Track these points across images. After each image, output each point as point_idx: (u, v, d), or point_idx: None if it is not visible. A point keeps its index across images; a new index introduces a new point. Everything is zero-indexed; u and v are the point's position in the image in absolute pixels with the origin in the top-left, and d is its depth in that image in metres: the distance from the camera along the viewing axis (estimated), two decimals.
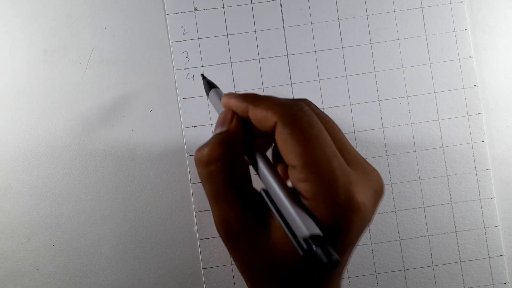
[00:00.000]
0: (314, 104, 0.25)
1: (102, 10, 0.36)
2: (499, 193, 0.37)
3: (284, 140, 0.21)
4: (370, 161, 0.36)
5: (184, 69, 0.36)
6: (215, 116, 0.36)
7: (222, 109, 0.25)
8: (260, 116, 0.22)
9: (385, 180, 0.36)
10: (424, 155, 0.37)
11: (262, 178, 0.23)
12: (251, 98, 0.23)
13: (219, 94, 0.28)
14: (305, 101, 0.24)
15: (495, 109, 0.37)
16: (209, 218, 0.36)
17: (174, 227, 0.36)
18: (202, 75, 0.31)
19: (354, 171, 0.22)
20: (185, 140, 0.36)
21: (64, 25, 0.36)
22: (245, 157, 0.24)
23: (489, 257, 0.36)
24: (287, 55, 0.37)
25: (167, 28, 0.36)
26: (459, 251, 0.36)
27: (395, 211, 0.36)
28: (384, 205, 0.36)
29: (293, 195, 0.22)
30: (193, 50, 0.36)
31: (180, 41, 0.36)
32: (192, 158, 0.36)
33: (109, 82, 0.36)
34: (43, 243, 0.36)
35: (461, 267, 0.36)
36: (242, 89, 0.37)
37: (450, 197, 0.36)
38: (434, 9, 0.37)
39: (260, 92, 0.37)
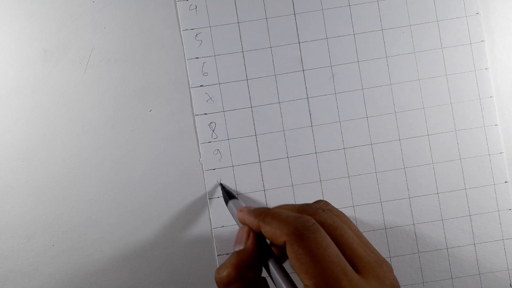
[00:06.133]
0: (328, 205, 0.27)
1: (102, 10, 0.36)
2: (504, 121, 0.37)
3: (294, 260, 0.23)
4: (372, 91, 0.36)
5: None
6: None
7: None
8: (270, 235, 0.24)
9: (390, 109, 0.37)
10: (428, 83, 0.37)
11: None
12: (262, 215, 0.25)
13: (237, 206, 0.31)
14: (320, 205, 0.26)
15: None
16: None
17: (174, 227, 0.36)
18: (221, 184, 0.35)
19: (366, 279, 0.23)
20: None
21: (64, 25, 0.36)
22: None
23: (494, 184, 0.36)
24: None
25: (167, 28, 0.36)
26: (463, 178, 0.36)
27: (399, 140, 0.36)
28: (388, 134, 0.37)
29: None
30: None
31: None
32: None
33: (109, 81, 0.36)
34: (43, 243, 0.36)
35: (466, 193, 0.36)
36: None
37: (454, 125, 0.36)
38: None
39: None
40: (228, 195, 0.33)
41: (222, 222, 0.36)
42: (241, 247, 0.26)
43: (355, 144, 0.36)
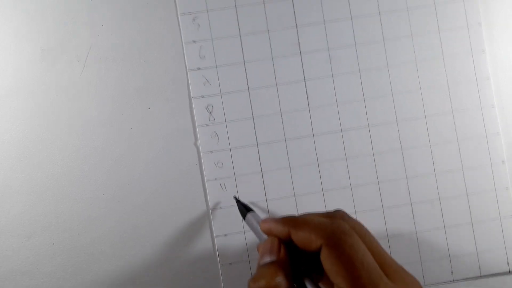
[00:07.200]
0: (347, 215, 0.26)
1: (99, 8, 0.36)
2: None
3: (330, 264, 0.22)
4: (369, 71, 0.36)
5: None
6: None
7: (260, 231, 0.28)
8: (304, 239, 0.24)
9: (387, 91, 0.37)
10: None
11: None
12: (292, 222, 0.25)
13: (256, 218, 0.31)
14: (341, 215, 0.26)
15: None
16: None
17: (174, 225, 0.36)
18: (235, 197, 0.35)
19: (397, 286, 0.23)
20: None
21: (61, 23, 0.36)
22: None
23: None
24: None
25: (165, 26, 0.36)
26: (461, 159, 0.36)
27: (396, 122, 0.36)
28: (385, 115, 0.37)
29: None
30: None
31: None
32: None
33: (107, 80, 0.36)
34: (43, 241, 0.36)
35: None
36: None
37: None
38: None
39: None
40: (245, 208, 0.33)
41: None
42: (274, 258, 0.25)
43: (352, 126, 0.36)
